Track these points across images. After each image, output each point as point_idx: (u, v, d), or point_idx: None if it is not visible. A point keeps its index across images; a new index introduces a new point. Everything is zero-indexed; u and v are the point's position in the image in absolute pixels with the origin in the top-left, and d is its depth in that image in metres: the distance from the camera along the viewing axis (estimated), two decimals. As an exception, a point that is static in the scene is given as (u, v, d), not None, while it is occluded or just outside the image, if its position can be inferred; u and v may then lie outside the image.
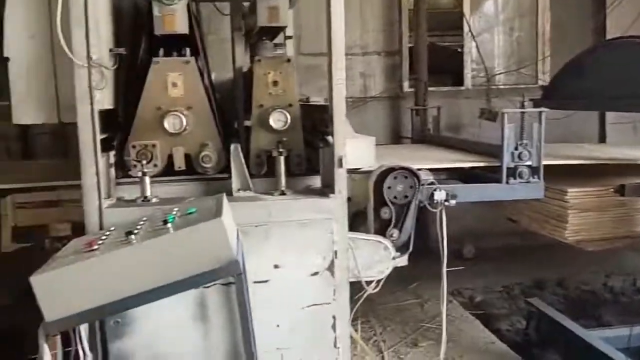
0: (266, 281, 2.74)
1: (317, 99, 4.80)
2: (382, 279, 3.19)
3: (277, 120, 2.92)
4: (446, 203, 3.30)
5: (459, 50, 7.88)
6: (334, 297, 2.83)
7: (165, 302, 2.20)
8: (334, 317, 2.84)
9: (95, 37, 2.61)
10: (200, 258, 2.10)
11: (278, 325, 2.79)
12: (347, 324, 2.91)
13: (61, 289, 2.02)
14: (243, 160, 2.92)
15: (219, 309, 2.68)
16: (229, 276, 2.20)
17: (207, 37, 5.08)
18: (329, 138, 2.83)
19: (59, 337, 2.10)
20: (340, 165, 2.80)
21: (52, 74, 2.76)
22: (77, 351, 2.38)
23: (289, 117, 2.93)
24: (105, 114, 2.80)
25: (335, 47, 2.77)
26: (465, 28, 7.51)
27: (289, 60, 3.06)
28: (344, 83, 2.80)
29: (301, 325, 2.82)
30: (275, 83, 3.01)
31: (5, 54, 2.71)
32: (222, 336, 2.70)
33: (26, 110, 2.74)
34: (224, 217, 2.14)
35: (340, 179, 2.82)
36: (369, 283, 3.16)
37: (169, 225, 2.19)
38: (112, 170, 2.88)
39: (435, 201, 3.27)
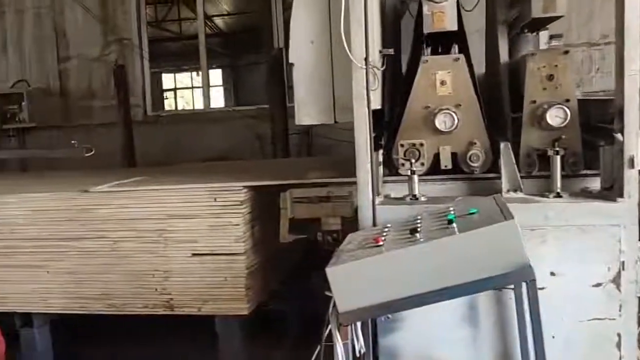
0: (542, 289, 2.53)
1: (577, 93, 4.42)
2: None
3: (554, 117, 2.71)
4: None
5: None
6: (619, 313, 2.55)
7: (435, 301, 2.19)
8: (618, 335, 2.56)
9: (370, 40, 2.71)
10: (490, 261, 2.03)
11: (553, 337, 2.59)
12: (634, 343, 2.59)
13: (353, 281, 2.11)
14: (514, 160, 2.77)
15: (490, 313, 2.60)
16: (521, 282, 2.09)
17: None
18: (618, 136, 2.55)
19: (349, 328, 2.20)
20: (632, 166, 2.51)
21: (330, 76, 2.92)
22: (352, 341, 2.49)
23: (568, 112, 2.71)
24: (373, 114, 2.88)
25: (629, 34, 2.48)
26: None
27: (566, 52, 2.82)
28: (638, 74, 2.49)
29: (579, 340, 2.59)
30: (550, 77, 2.80)
31: (290, 60, 2.94)
32: (492, 342, 2.62)
33: (308, 111, 2.94)
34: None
35: (631, 181, 2.52)
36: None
37: (454, 225, 2.16)
38: (381, 169, 2.95)
39: None
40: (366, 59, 2.65)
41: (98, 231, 3.50)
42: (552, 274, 2.58)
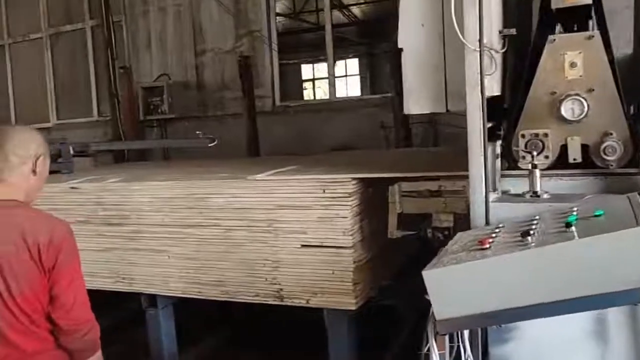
0: (689, 306, 2.16)
1: None
2: None
3: None
4: None
5: None
6: None
7: (556, 311, 1.91)
8: None
9: (486, 19, 2.45)
10: (616, 273, 1.72)
11: (702, 364, 2.19)
12: None
13: (452, 287, 1.92)
14: (659, 153, 2.38)
15: (622, 329, 2.26)
16: (657, 300, 1.76)
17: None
18: None
19: (446, 337, 2.01)
20: None
21: (441, 62, 2.70)
22: (458, 348, 2.29)
23: None
24: (491, 101, 2.63)
25: None
26: None
27: None
28: None
29: None
30: None
31: (399, 45, 2.76)
32: (624, 363, 2.27)
33: (417, 99, 2.75)
34: (650, 225, 1.71)
35: None
36: None
37: (573, 229, 1.87)
38: (498, 161, 2.69)
39: None
40: (480, 41, 2.41)
41: (213, 219, 3.58)
42: None
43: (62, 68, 9.35)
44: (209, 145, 4.54)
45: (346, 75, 18.75)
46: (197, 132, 4.68)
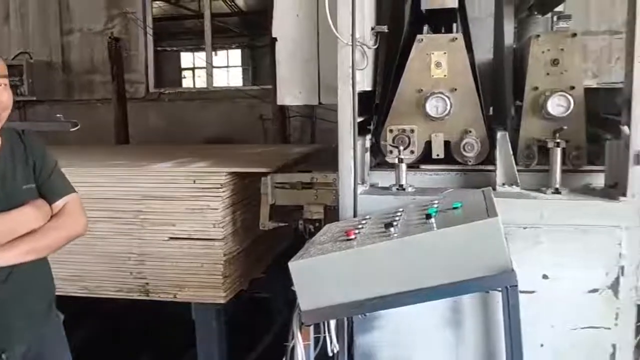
0: (532, 292, 2.35)
1: (590, 83, 4.16)
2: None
3: (556, 106, 2.49)
4: None
5: None
6: (615, 322, 2.34)
7: (415, 301, 1.99)
8: (613, 346, 2.36)
9: (359, 15, 2.49)
10: (468, 262, 1.83)
11: (542, 345, 2.40)
12: (630, 356, 2.38)
13: (317, 278, 1.93)
14: (511, 151, 2.56)
15: (475, 317, 2.40)
16: (501, 287, 1.88)
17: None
18: (624, 128, 2.31)
19: (311, 328, 2.01)
20: (637, 162, 2.28)
21: (315, 54, 2.71)
22: (324, 339, 2.31)
23: (571, 101, 2.48)
24: (362, 96, 2.68)
25: (642, 16, 2.23)
26: None
27: (574, 35, 2.58)
28: (650, 61, 2.25)
29: (570, 349, 2.39)
30: (554, 62, 2.57)
31: (274, 34, 2.73)
32: (476, 348, 2.42)
33: (290, 90, 2.74)
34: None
35: (636, 179, 2.29)
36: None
37: (432, 220, 1.95)
38: (367, 155, 2.76)
39: None
40: (353, 35, 2.44)
41: (73, 210, 3.33)
42: (545, 277, 2.37)
43: None
44: (71, 129, 4.21)
45: (228, 67, 18.43)
46: (58, 115, 4.33)
